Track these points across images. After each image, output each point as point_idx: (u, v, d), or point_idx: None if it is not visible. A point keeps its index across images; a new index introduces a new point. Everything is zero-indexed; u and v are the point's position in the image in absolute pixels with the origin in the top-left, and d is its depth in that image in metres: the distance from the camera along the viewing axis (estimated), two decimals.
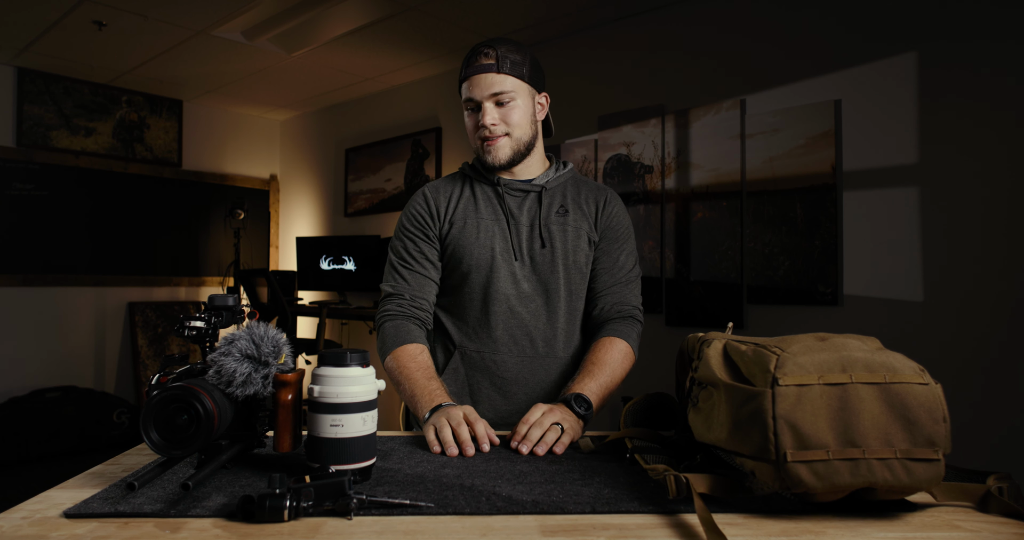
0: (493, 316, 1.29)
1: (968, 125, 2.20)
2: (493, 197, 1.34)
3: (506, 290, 1.29)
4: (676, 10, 3.02)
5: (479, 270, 1.30)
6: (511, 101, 1.27)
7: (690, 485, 0.71)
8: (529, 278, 1.31)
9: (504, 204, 1.33)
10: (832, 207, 2.48)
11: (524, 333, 1.30)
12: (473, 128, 1.30)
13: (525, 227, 1.32)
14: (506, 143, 1.29)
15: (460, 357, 1.32)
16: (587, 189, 1.39)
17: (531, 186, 1.34)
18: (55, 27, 3.41)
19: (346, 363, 0.82)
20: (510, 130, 1.28)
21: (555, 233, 1.32)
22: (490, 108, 1.26)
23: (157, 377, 0.84)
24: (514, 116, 1.28)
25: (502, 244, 1.31)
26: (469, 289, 1.31)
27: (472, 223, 1.32)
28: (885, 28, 2.39)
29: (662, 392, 1.10)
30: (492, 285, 1.29)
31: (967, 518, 0.71)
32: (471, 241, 1.30)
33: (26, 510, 0.71)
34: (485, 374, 1.30)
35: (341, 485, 0.70)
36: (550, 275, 1.31)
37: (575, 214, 1.34)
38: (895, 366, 0.70)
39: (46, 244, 4.16)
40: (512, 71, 1.27)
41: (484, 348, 1.30)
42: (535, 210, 1.33)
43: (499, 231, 1.31)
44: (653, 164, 3.05)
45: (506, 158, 1.30)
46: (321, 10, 3.17)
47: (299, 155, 5.23)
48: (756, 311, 2.70)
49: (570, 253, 1.31)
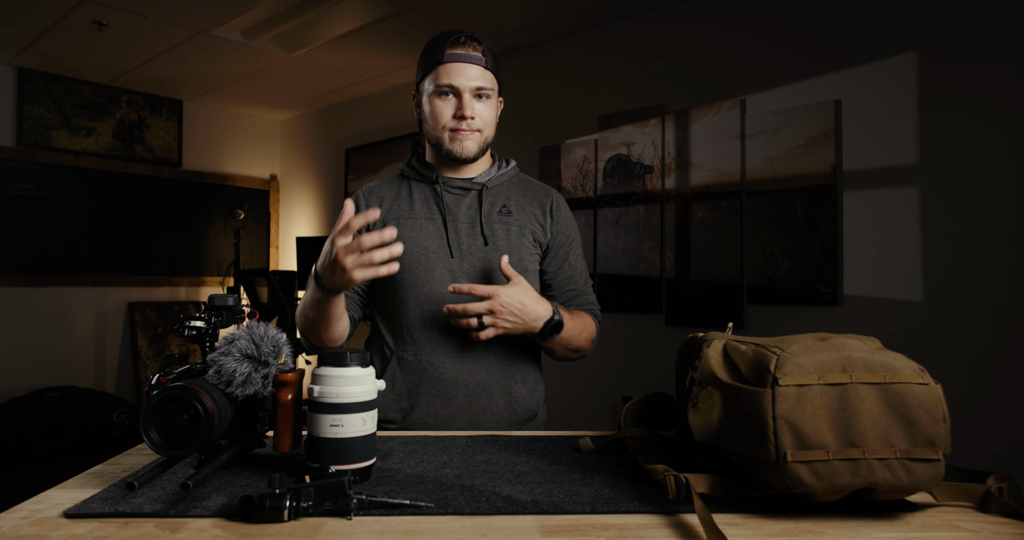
0: (428, 316, 1.26)
1: (968, 125, 2.20)
2: (430, 196, 1.32)
3: (442, 289, 1.25)
4: (676, 10, 3.01)
5: (411, 270, 1.26)
6: (488, 98, 1.26)
7: (690, 485, 0.71)
8: (469, 275, 1.27)
9: (441, 202, 1.30)
10: (832, 207, 2.48)
11: (462, 333, 1.24)
12: (447, 116, 1.26)
13: (465, 224, 1.29)
14: (477, 138, 1.27)
15: (397, 363, 1.28)
16: (532, 190, 1.37)
17: (472, 184, 1.31)
18: (55, 27, 3.41)
19: (346, 363, 0.82)
20: (483, 127, 1.27)
21: (498, 231, 1.29)
22: (470, 100, 1.24)
23: (157, 377, 0.84)
24: (488, 113, 1.27)
25: (437, 242, 1.28)
26: (402, 290, 1.27)
27: (405, 223, 1.29)
28: (885, 28, 2.39)
29: (662, 392, 1.10)
30: (427, 285, 1.26)
31: (967, 518, 0.71)
32: (404, 240, 1.25)
33: (26, 510, 0.71)
34: (423, 378, 1.25)
35: (341, 485, 0.70)
36: (493, 272, 1.28)
37: (519, 215, 1.32)
38: (895, 366, 0.70)
39: (46, 244, 4.16)
40: (494, 69, 1.27)
41: (421, 351, 1.26)
42: (475, 208, 1.30)
43: (434, 229, 1.28)
44: (653, 164, 3.05)
45: (472, 152, 1.28)
46: (321, 10, 3.17)
47: (299, 155, 5.23)
48: (756, 311, 2.70)
49: (514, 250, 1.28)
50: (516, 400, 1.29)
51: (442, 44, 1.24)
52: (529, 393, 1.32)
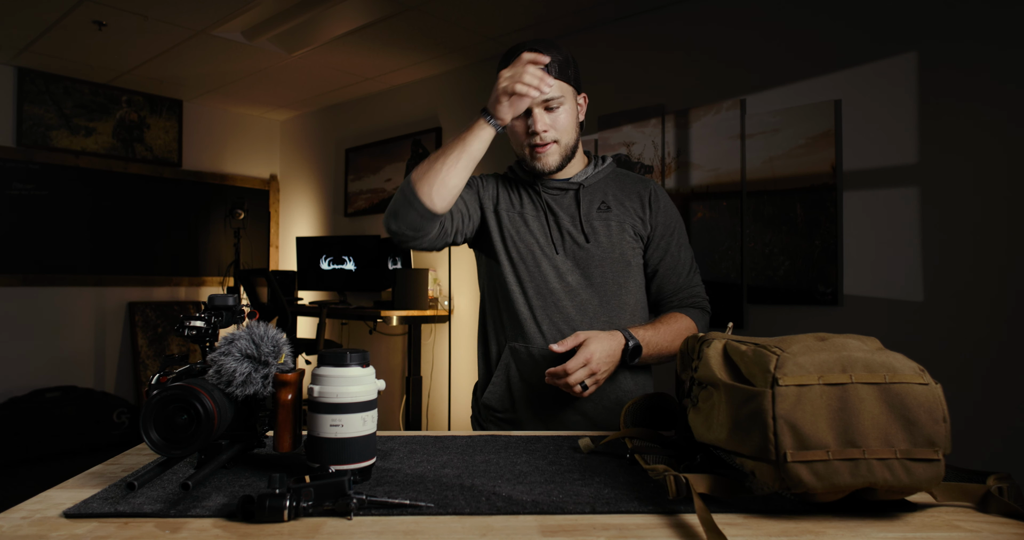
0: (538, 310, 1.31)
1: (968, 125, 2.20)
2: (534, 195, 1.36)
3: (551, 284, 1.31)
4: (676, 10, 3.02)
5: (520, 263, 1.32)
6: (560, 106, 1.27)
7: (690, 485, 0.71)
8: (573, 272, 1.32)
9: (543, 200, 1.34)
10: (832, 207, 2.48)
11: (570, 327, 1.30)
12: (523, 133, 1.29)
13: (567, 222, 1.33)
14: (555, 149, 1.30)
15: (510, 353, 1.33)
16: (629, 182, 1.40)
17: (569, 184, 1.35)
18: (55, 27, 3.41)
19: (346, 363, 0.82)
20: (559, 136, 1.29)
21: (598, 228, 1.33)
22: (540, 114, 1.26)
23: (157, 377, 0.84)
24: (562, 121, 1.28)
25: (543, 239, 1.32)
26: (512, 282, 1.33)
27: (515, 217, 1.34)
28: (885, 28, 2.39)
29: (662, 392, 1.10)
30: (536, 279, 1.31)
31: (967, 518, 0.71)
32: (513, 233, 1.32)
33: (26, 510, 0.71)
34: (534, 369, 1.30)
35: (341, 485, 0.70)
36: (595, 269, 1.32)
37: (618, 210, 1.35)
38: (895, 366, 0.70)
39: (46, 244, 4.16)
40: (560, 75, 1.27)
41: (531, 343, 1.31)
42: (574, 207, 1.34)
43: (539, 226, 1.33)
44: (653, 164, 3.05)
45: (555, 164, 1.31)
46: (321, 10, 3.17)
47: (299, 155, 5.23)
48: (756, 311, 2.70)
49: (616, 246, 1.32)
50: (627, 394, 1.31)
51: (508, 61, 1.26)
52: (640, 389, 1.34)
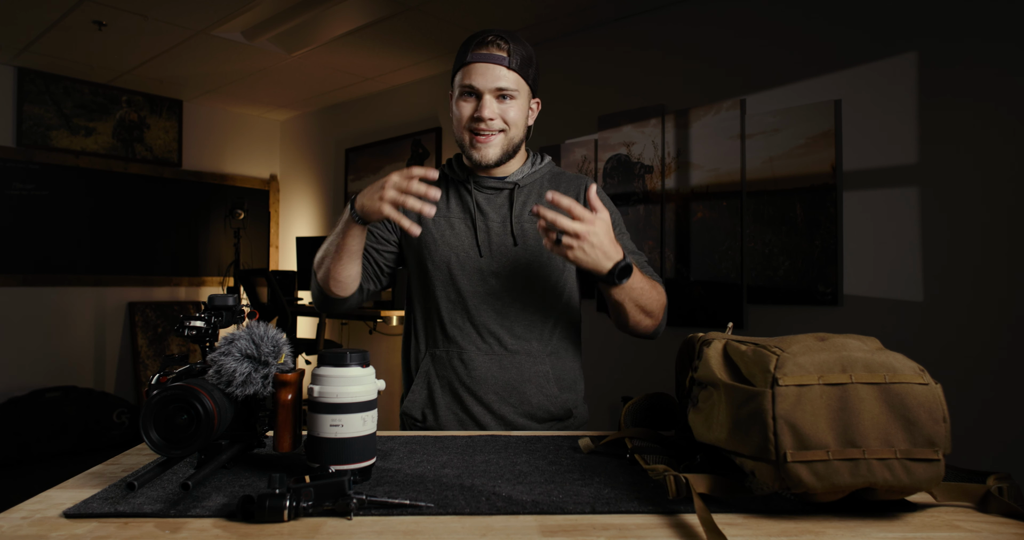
0: (458, 315, 1.28)
1: (968, 125, 2.20)
2: (464, 195, 1.33)
3: (475, 288, 1.28)
4: (676, 10, 3.01)
5: (442, 268, 1.29)
6: (512, 99, 1.25)
7: (690, 485, 0.71)
8: (497, 275, 1.28)
9: (473, 200, 1.31)
10: (832, 207, 2.48)
11: (491, 333, 1.28)
12: (468, 117, 1.26)
13: (496, 224, 1.30)
14: (499, 141, 1.26)
15: (430, 359, 1.31)
16: (564, 182, 1.36)
17: (504, 183, 1.32)
18: (55, 27, 3.41)
19: (346, 363, 0.82)
20: (506, 127, 1.26)
21: (528, 230, 1.29)
22: (490, 100, 1.23)
23: (157, 377, 0.84)
24: (512, 113, 1.26)
25: (468, 242, 1.29)
26: (434, 288, 1.30)
27: (440, 222, 1.31)
28: (885, 28, 2.39)
29: (662, 392, 1.10)
30: (459, 283, 1.28)
31: (967, 518, 0.71)
32: (437, 238, 1.30)
33: (26, 510, 0.71)
34: (454, 375, 1.28)
35: (341, 485, 0.70)
36: (522, 272, 1.28)
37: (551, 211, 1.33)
38: (895, 366, 0.70)
39: (46, 244, 4.16)
40: (520, 69, 1.25)
41: (451, 348, 1.29)
42: (506, 208, 1.31)
43: (465, 229, 1.30)
44: (653, 164, 3.05)
45: (495, 158, 1.27)
46: (321, 10, 3.17)
47: (299, 155, 5.23)
48: (756, 311, 2.70)
49: (544, 249, 1.27)
50: (549, 398, 1.28)
51: (469, 45, 1.25)
52: (562, 391, 1.31)
